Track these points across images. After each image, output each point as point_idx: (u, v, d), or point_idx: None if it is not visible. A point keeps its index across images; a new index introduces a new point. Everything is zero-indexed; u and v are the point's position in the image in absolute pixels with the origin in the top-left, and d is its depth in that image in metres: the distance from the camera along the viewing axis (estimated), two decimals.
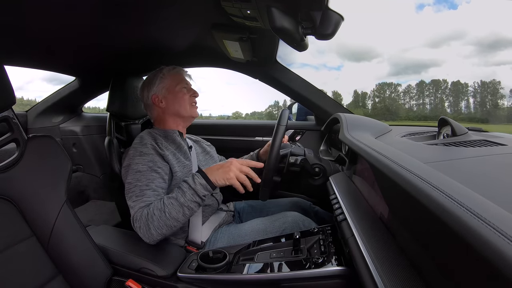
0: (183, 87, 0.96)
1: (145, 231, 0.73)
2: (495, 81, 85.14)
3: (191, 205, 0.74)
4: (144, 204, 0.76)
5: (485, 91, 75.28)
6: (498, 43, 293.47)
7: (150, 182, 0.79)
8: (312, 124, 1.43)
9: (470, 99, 78.85)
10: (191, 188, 0.74)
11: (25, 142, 0.68)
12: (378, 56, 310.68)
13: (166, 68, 0.98)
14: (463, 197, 0.28)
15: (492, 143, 0.56)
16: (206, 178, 0.75)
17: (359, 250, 0.50)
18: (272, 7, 0.54)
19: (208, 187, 0.74)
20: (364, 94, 64.70)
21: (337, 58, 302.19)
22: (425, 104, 69.98)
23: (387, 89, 63.84)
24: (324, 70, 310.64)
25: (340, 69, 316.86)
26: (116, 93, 1.05)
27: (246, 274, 0.67)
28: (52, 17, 0.68)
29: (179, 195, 0.73)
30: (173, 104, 0.96)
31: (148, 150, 0.84)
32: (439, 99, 72.30)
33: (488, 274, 0.24)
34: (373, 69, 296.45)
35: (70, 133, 1.62)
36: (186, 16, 0.77)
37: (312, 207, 1.09)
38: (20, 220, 0.65)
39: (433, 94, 68.65)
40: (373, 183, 0.63)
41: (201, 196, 0.74)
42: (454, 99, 75.88)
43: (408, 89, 67.41)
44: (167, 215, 0.72)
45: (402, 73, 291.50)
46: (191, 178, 0.76)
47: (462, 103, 78.13)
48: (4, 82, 0.62)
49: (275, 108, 62.29)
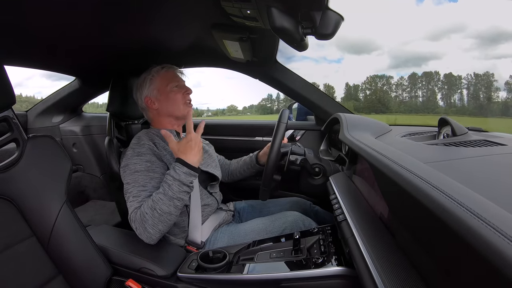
0: (174, 86, 0.94)
1: (142, 231, 0.73)
2: (488, 73, 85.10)
3: (181, 196, 0.74)
4: (139, 205, 0.76)
5: (479, 84, 75.25)
6: (499, 36, 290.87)
7: (147, 182, 0.79)
8: (312, 124, 1.43)
9: (464, 92, 78.79)
10: (175, 180, 0.74)
11: (25, 142, 0.68)
12: (377, 48, 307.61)
13: (155, 69, 0.96)
14: (463, 197, 0.28)
15: (492, 143, 0.56)
16: (186, 164, 0.75)
17: (359, 250, 0.50)
18: (272, 7, 0.54)
19: (192, 172, 0.75)
20: (356, 87, 64.92)
21: (337, 51, 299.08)
22: (418, 97, 70.15)
23: (379, 81, 64.18)
24: (324, 63, 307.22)
25: (340, 61, 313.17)
26: (116, 93, 1.05)
27: (246, 274, 0.67)
28: (52, 16, 0.68)
29: (166, 189, 0.73)
30: (166, 105, 0.94)
31: (145, 150, 0.84)
32: (431, 91, 72.38)
33: (488, 274, 0.24)
34: (373, 62, 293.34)
35: (70, 133, 1.62)
36: (186, 16, 0.77)
37: (312, 207, 1.09)
38: (20, 220, 0.65)
39: (425, 87, 68.84)
40: (373, 183, 0.63)
41: (188, 184, 0.74)
42: (447, 92, 75.98)
43: (401, 82, 67.65)
44: (158, 211, 0.72)
45: (402, 66, 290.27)
46: (172, 169, 0.75)
47: (455, 96, 78.05)
48: (4, 82, 0.62)
49: (268, 101, 63.04)
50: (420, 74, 71.53)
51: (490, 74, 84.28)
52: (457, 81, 76.04)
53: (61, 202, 0.70)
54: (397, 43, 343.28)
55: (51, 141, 0.74)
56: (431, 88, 71.27)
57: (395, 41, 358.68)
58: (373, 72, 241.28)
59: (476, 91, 78.95)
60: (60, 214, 0.68)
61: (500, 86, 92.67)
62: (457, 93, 77.76)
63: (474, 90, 78.36)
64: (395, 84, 66.73)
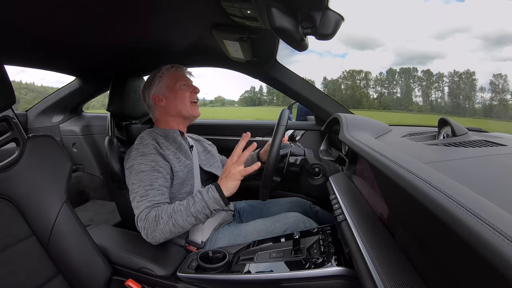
0: (183, 84, 0.96)
1: (149, 232, 0.73)
2: (469, 71, 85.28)
3: (199, 216, 0.73)
4: (150, 204, 0.76)
5: (460, 82, 75.29)
6: (504, 39, 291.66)
7: (154, 181, 0.79)
8: (312, 124, 1.43)
9: (446, 89, 78.82)
10: (203, 200, 0.73)
11: (25, 142, 0.68)
12: (381, 45, 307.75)
13: (165, 67, 0.98)
14: (463, 198, 0.28)
15: (492, 143, 0.56)
16: (221, 192, 0.74)
17: (359, 250, 0.50)
18: (272, 7, 0.54)
19: (221, 202, 0.74)
20: (335, 81, 65.26)
21: (341, 45, 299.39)
22: (396, 93, 70.50)
23: (357, 76, 64.67)
24: (328, 56, 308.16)
25: (345, 56, 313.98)
26: (116, 93, 1.05)
27: (246, 274, 0.67)
28: (52, 16, 0.68)
29: (190, 204, 0.73)
30: (174, 103, 0.95)
31: (149, 150, 0.84)
32: (409, 88, 72.59)
33: (488, 274, 0.24)
34: (378, 58, 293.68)
35: (70, 132, 1.62)
36: (186, 16, 0.77)
37: (312, 207, 1.10)
38: (20, 220, 0.65)
39: (405, 83, 69.16)
40: (373, 183, 0.63)
41: (212, 210, 0.74)
42: (426, 89, 76.27)
43: (380, 77, 68.04)
44: (173, 221, 0.72)
45: (407, 63, 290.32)
46: (206, 189, 0.75)
47: (434, 94, 78.05)
48: (4, 82, 0.62)
49: (250, 93, 64.24)
50: (398, 70, 71.94)
51: (471, 72, 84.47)
52: (439, 79, 76.27)
53: (61, 202, 0.70)
54: (402, 40, 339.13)
55: (51, 140, 0.74)
56: (409, 85, 71.51)
57: (400, 38, 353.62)
58: (378, 69, 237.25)
59: (453, 90, 79.16)
60: (60, 213, 0.68)
61: (484, 85, 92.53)
62: (434, 91, 77.70)
63: (451, 89, 78.53)
64: (373, 80, 67.26)
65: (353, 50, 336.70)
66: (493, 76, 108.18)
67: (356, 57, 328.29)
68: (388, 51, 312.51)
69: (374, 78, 68.23)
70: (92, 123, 1.62)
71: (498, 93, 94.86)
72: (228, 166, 0.77)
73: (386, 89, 70.01)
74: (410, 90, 73.07)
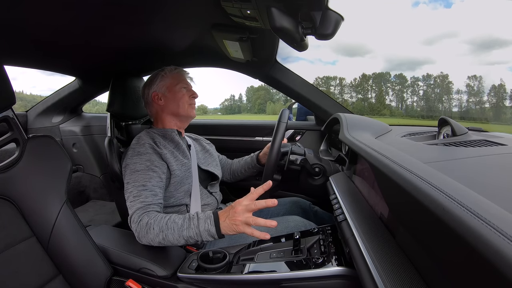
0: (182, 87, 0.97)
1: (140, 235, 0.73)
2: (443, 74, 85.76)
3: (190, 240, 0.71)
4: (142, 205, 0.76)
5: (434, 85, 75.63)
6: (492, 43, 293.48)
7: (147, 181, 0.79)
8: (312, 124, 1.43)
9: (421, 93, 79.22)
10: (197, 228, 0.70)
11: (25, 142, 0.68)
12: (371, 51, 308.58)
13: (168, 68, 0.99)
14: (463, 197, 0.28)
15: (492, 143, 0.56)
16: (217, 226, 0.69)
17: (359, 250, 0.50)
18: (272, 7, 0.54)
19: (215, 236, 0.69)
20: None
21: (331, 53, 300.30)
22: (370, 98, 71.10)
23: (331, 82, 65.20)
24: (319, 64, 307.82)
25: (335, 63, 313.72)
26: (116, 93, 1.05)
27: (246, 274, 0.67)
28: (52, 17, 0.68)
29: (184, 227, 0.70)
30: (172, 103, 0.96)
31: (145, 149, 0.84)
32: (381, 92, 73.21)
33: (488, 274, 0.24)
34: (367, 65, 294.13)
35: (70, 133, 1.62)
36: (186, 16, 0.77)
37: (311, 207, 1.10)
38: (20, 220, 0.65)
39: (377, 88, 69.71)
40: (373, 183, 0.63)
41: (203, 239, 0.70)
42: (398, 93, 76.89)
43: (355, 83, 68.61)
44: (164, 235, 0.71)
45: (396, 69, 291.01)
46: (203, 218, 0.70)
47: (409, 97, 78.29)
48: (4, 82, 0.62)
49: (230, 101, 64.68)
50: (370, 74, 72.82)
51: (445, 75, 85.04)
52: (414, 82, 76.92)
53: (61, 202, 0.70)
54: (391, 47, 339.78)
55: (51, 141, 0.74)
56: (381, 90, 72.41)
57: (389, 44, 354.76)
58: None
59: (427, 94, 79.71)
60: (60, 214, 0.68)
61: (460, 87, 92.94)
62: (411, 94, 78.33)
63: (425, 92, 79.03)
64: (347, 86, 68.04)
65: (343, 57, 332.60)
66: (468, 78, 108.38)
67: (346, 64, 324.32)
68: (378, 57, 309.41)
69: (349, 84, 69.09)
70: (92, 124, 1.63)
71: (473, 95, 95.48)
72: (236, 208, 0.68)
73: (360, 94, 70.76)
74: (382, 94, 73.82)
